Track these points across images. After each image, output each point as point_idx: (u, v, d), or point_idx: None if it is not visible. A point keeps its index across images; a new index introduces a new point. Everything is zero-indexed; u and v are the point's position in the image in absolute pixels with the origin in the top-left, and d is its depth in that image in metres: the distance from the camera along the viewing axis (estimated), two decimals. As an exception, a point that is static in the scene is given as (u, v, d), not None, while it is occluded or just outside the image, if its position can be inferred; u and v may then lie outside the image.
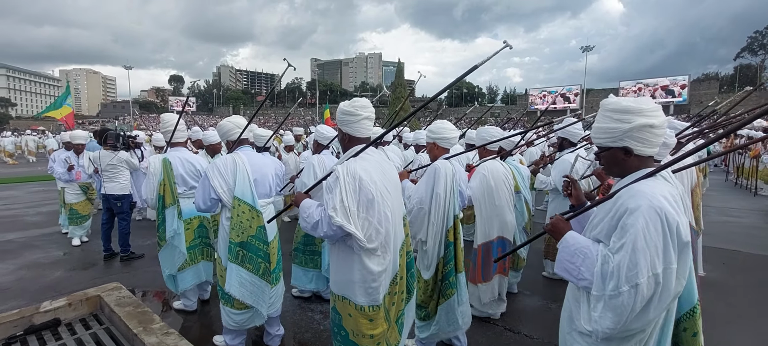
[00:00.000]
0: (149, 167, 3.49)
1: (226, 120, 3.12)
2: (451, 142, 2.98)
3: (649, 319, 1.40)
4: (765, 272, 4.78)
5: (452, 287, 2.75)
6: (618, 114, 1.52)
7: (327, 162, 3.61)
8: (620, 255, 1.39)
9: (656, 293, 1.36)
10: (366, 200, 1.94)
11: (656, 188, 1.43)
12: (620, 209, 1.44)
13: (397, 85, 43.48)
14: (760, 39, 57.03)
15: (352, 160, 2.00)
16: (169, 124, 3.71)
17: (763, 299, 4.02)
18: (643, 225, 1.36)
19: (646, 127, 1.48)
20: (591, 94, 57.32)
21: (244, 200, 2.75)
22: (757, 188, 10.27)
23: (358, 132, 2.13)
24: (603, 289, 1.42)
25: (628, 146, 1.51)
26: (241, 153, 2.90)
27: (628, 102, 1.52)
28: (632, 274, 1.35)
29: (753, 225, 7.10)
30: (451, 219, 2.73)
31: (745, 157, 11.49)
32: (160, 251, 3.59)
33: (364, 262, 1.96)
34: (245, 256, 2.75)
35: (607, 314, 1.41)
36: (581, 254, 1.52)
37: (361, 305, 2.01)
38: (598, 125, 1.59)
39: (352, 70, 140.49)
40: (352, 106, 2.13)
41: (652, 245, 1.35)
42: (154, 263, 5.08)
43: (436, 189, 2.71)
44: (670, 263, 1.36)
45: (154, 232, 6.53)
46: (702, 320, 1.72)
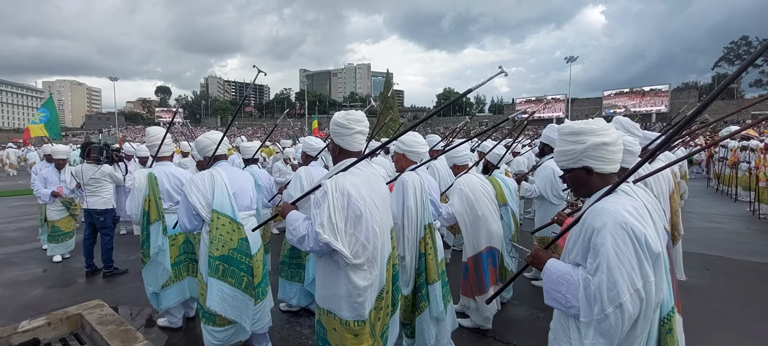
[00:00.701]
0: (134, 182, 3.42)
1: (202, 136, 3.07)
2: (420, 156, 2.99)
3: (637, 335, 1.41)
4: (747, 276, 4.88)
5: (424, 300, 2.71)
6: (572, 136, 1.59)
7: (315, 173, 3.60)
8: (598, 276, 1.39)
9: (641, 308, 1.37)
10: (354, 217, 1.92)
11: (618, 204, 1.45)
12: (588, 230, 1.47)
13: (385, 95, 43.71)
14: (735, 49, 59.07)
15: (341, 175, 1.98)
16: (154, 138, 3.65)
17: (745, 303, 4.10)
18: (612, 242, 1.38)
19: (600, 145, 1.54)
20: (576, 103, 58.49)
21: (223, 213, 2.71)
22: (737, 194, 10.55)
23: (350, 145, 2.12)
24: (590, 314, 1.41)
25: (587, 166, 1.57)
26: (217, 168, 2.87)
27: (580, 124, 1.59)
28: (613, 294, 1.35)
29: (734, 230, 7.27)
30: (422, 230, 2.73)
31: (724, 164, 11.80)
32: (144, 267, 3.52)
33: (350, 277, 1.94)
34: (227, 270, 2.69)
35: (599, 339, 1.39)
36: (564, 280, 1.52)
37: (347, 320, 1.98)
38: (558, 149, 1.66)
39: (340, 81, 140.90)
40: (346, 119, 2.10)
41: (626, 261, 1.36)
42: (139, 278, 4.94)
43: (406, 202, 2.71)
44: (647, 276, 1.37)
45: (138, 247, 6.42)
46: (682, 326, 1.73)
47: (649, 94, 52.04)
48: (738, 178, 10.61)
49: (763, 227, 7.41)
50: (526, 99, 62.08)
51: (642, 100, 52.23)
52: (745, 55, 58.20)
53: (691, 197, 11.04)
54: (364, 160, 2.12)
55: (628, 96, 53.78)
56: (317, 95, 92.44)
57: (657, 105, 50.71)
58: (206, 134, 3.08)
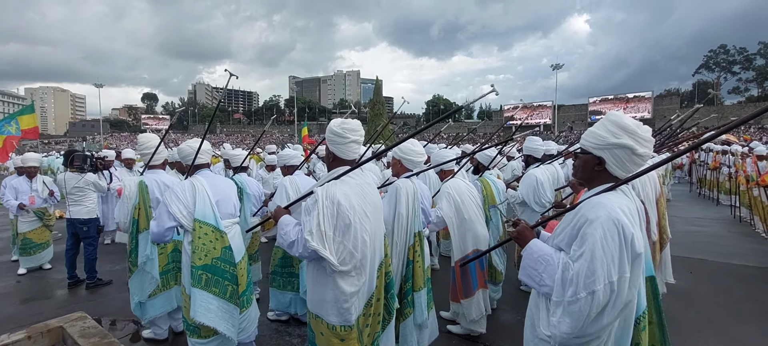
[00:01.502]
0: (124, 190, 3.35)
1: (184, 144, 3.00)
2: (416, 165, 3.03)
3: (604, 325, 1.46)
4: (729, 278, 4.99)
5: (409, 306, 2.74)
6: (614, 126, 1.59)
7: (299, 182, 3.59)
8: (579, 263, 1.46)
9: (611, 300, 1.43)
10: (343, 225, 1.95)
11: (615, 201, 1.51)
12: (581, 220, 1.52)
13: (375, 102, 43.85)
14: (714, 57, 60.82)
15: (332, 183, 2.01)
16: (146, 146, 3.55)
17: (729, 305, 4.19)
18: (601, 235, 1.44)
19: (628, 148, 1.55)
20: (562, 110, 59.44)
21: (205, 222, 2.65)
22: (718, 198, 10.81)
23: (345, 154, 2.14)
24: (562, 295, 1.48)
25: (603, 158, 1.60)
26: (198, 176, 2.82)
27: (630, 121, 1.59)
28: (590, 281, 1.42)
29: (716, 234, 7.44)
30: (411, 237, 2.77)
31: (706, 169, 12.11)
32: (130, 277, 3.45)
33: (337, 282, 1.97)
34: (210, 279, 2.63)
35: (566, 319, 1.47)
36: (543, 261, 1.58)
37: (333, 325, 2.01)
38: (593, 130, 1.67)
39: (330, 88, 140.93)
40: (341, 128, 2.12)
41: (609, 255, 1.43)
42: (124, 289, 4.85)
43: (398, 208, 2.75)
44: (624, 272, 1.44)
45: (122, 256, 6.32)
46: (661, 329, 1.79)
47: (633, 100, 53.24)
48: (719, 182, 10.89)
49: (743, 230, 7.60)
50: (513, 105, 62.91)
51: (626, 107, 53.34)
52: (723, 63, 60.03)
53: (674, 201, 11.29)
54: (357, 168, 2.15)
55: (612, 103, 54.91)
56: (307, 102, 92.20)
57: (641, 111, 51.86)
58: (188, 142, 3.01)
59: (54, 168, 22.11)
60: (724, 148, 10.99)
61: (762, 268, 5.35)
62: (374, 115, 42.09)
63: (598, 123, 1.67)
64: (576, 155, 1.75)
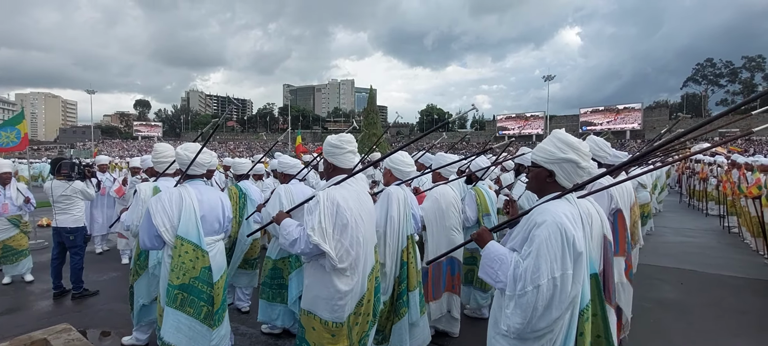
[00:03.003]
0: (139, 194, 3.39)
1: (181, 149, 2.91)
2: (405, 174, 3.22)
3: (553, 318, 1.61)
4: (719, 290, 5.03)
5: (405, 306, 2.91)
6: (561, 143, 1.81)
7: (294, 191, 3.57)
8: (528, 261, 1.64)
9: (555, 294, 1.59)
10: (341, 224, 2.18)
11: (560, 208, 1.71)
12: (531, 224, 1.71)
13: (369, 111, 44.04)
14: (702, 70, 62.19)
15: (333, 188, 2.26)
16: (163, 155, 3.58)
17: (719, 317, 4.22)
18: (547, 236, 1.62)
19: (573, 162, 1.77)
20: (554, 121, 60.12)
21: (187, 239, 2.57)
22: (708, 208, 10.95)
23: (342, 163, 2.40)
24: (514, 289, 1.66)
25: (553, 171, 1.81)
26: (189, 187, 2.75)
27: (573, 139, 1.82)
28: (535, 276, 1.60)
29: (707, 245, 7.52)
30: (404, 240, 2.95)
31: (695, 180, 12.28)
32: (135, 281, 3.46)
33: (333, 280, 2.18)
34: (186, 299, 2.55)
35: (517, 311, 1.64)
36: (499, 260, 1.75)
37: (326, 320, 2.21)
38: (542, 146, 1.88)
39: (324, 96, 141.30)
40: (339, 140, 2.39)
41: (552, 253, 1.60)
42: (112, 300, 4.77)
43: (390, 212, 2.94)
44: (566, 269, 1.60)
45: (110, 265, 6.22)
46: (604, 322, 1.89)
47: (623, 112, 54.06)
48: (708, 193, 11.04)
49: (732, 241, 7.69)
50: (506, 116, 63.57)
51: (616, 118, 54.16)
52: (710, 76, 61.35)
53: (665, 212, 11.41)
54: (354, 177, 2.37)
55: (603, 113, 55.76)
56: (301, 110, 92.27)
57: (631, 122, 52.68)
58: (186, 146, 2.93)
59: (44, 174, 21.84)
60: (712, 160, 11.16)
61: (750, 279, 5.40)
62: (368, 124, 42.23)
63: (546, 140, 1.87)
64: (529, 169, 1.95)
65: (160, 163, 3.57)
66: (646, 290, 4.87)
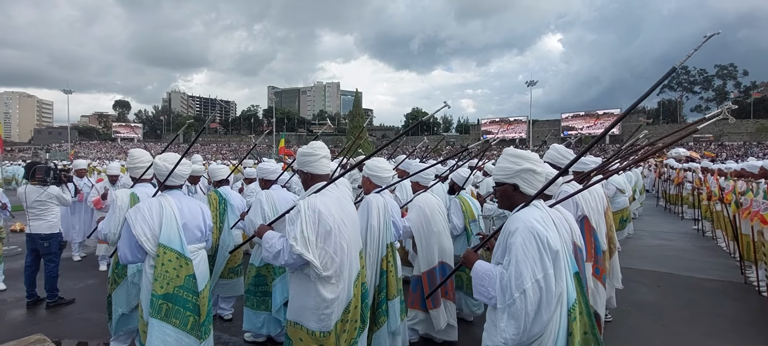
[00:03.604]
0: (116, 201, 3.27)
1: (160, 160, 2.83)
2: (384, 180, 3.20)
3: (545, 321, 1.67)
4: (694, 292, 5.20)
5: (384, 315, 2.91)
6: (513, 158, 1.95)
7: (276, 197, 3.54)
8: (510, 269, 1.71)
9: (542, 296, 1.66)
10: (324, 232, 2.16)
11: (529, 213, 1.81)
12: (506, 233, 1.81)
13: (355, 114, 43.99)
14: (677, 77, 64.25)
15: (313, 196, 2.24)
16: (139, 161, 3.52)
17: (694, 320, 4.35)
18: (521, 242, 1.71)
19: (530, 171, 1.90)
20: (537, 125, 61.22)
21: (170, 247, 2.53)
22: (683, 212, 11.31)
23: (318, 169, 2.38)
24: (504, 300, 1.72)
25: (516, 183, 1.93)
26: (168, 196, 2.71)
27: (521, 152, 1.98)
28: (519, 282, 1.67)
29: (682, 248, 7.76)
30: (384, 249, 2.95)
31: (670, 184, 12.67)
32: (114, 290, 3.36)
33: (318, 289, 2.16)
34: (171, 309, 2.50)
35: (511, 322, 1.68)
36: (487, 276, 1.82)
37: (313, 331, 2.18)
38: (498, 165, 2.00)
39: (309, 99, 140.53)
40: (310, 147, 2.38)
41: (530, 256, 1.68)
42: (88, 308, 4.62)
43: (370, 221, 2.93)
44: (547, 269, 1.68)
45: (87, 273, 6.04)
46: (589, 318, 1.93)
47: (603, 117, 55.48)
48: (683, 197, 11.40)
49: (707, 244, 7.95)
50: (490, 120, 64.43)
51: (596, 123, 55.55)
52: (685, 83, 63.50)
53: (643, 215, 11.73)
54: (333, 183, 2.36)
55: (583, 118, 57.15)
56: (285, 113, 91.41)
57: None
58: (164, 157, 2.86)
59: (18, 177, 21.01)
60: (686, 165, 11.55)
61: (724, 282, 5.60)
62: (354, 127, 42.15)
63: (499, 159, 2.03)
64: (495, 189, 2.07)
65: (135, 169, 3.49)
66: (625, 293, 4.99)
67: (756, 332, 3.98)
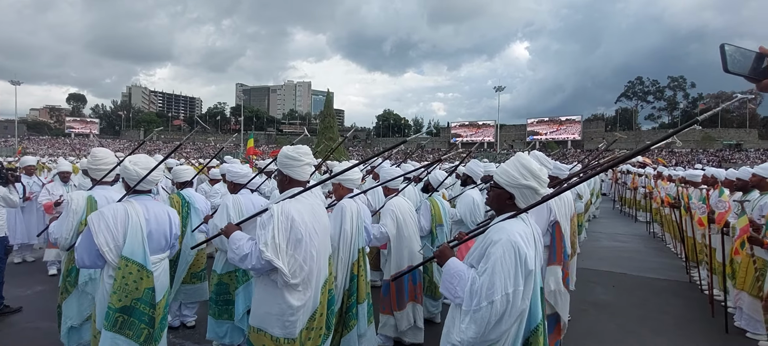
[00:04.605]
0: (71, 204, 3.02)
1: (129, 163, 2.64)
2: (354, 183, 3.27)
3: (503, 330, 1.74)
4: (645, 291, 5.54)
5: (354, 319, 2.95)
6: (525, 170, 1.89)
7: (243, 202, 3.42)
8: (483, 277, 1.74)
9: (507, 309, 1.71)
10: (295, 239, 2.12)
11: (515, 227, 1.82)
12: (488, 241, 1.82)
13: (326, 114, 43.58)
14: (632, 87, 68.19)
15: (287, 202, 2.19)
16: (102, 162, 3.25)
17: (645, 317, 4.64)
18: (501, 254, 1.73)
19: (532, 189, 1.88)
20: (504, 130, 63.05)
21: (133, 260, 2.41)
22: (637, 215, 12.01)
23: (298, 175, 2.34)
24: (470, 304, 1.75)
25: (514, 194, 1.91)
26: (135, 203, 2.56)
27: (535, 166, 1.91)
28: (490, 292, 1.71)
29: (635, 249, 8.24)
30: (355, 253, 2.99)
31: (626, 188, 13.42)
32: (64, 300, 3.15)
33: (285, 296, 2.12)
34: (126, 322, 2.41)
35: (472, 325, 1.73)
36: (458, 276, 1.85)
37: (277, 337, 2.13)
38: (506, 168, 1.95)
39: (280, 98, 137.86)
40: (296, 152, 2.32)
41: (506, 270, 1.71)
42: (37, 316, 4.34)
43: (343, 226, 2.97)
44: (518, 285, 1.72)
45: (34, 278, 5.66)
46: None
47: (565, 123, 57.98)
48: (637, 201, 12.11)
49: (657, 246, 8.49)
50: (460, 123, 65.70)
51: (559, 129, 57.96)
52: (639, 93, 67.39)
53: (600, 218, 12.35)
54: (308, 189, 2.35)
55: (547, 124, 59.47)
56: (254, 111, 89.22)
57: (571, 133, 56.55)
58: (135, 160, 2.67)
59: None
60: (640, 171, 12.28)
61: (671, 281, 6.00)
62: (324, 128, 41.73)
63: (510, 162, 1.96)
64: (490, 188, 2.04)
65: (97, 170, 3.25)
66: (583, 293, 5.26)
67: (699, 328, 4.30)
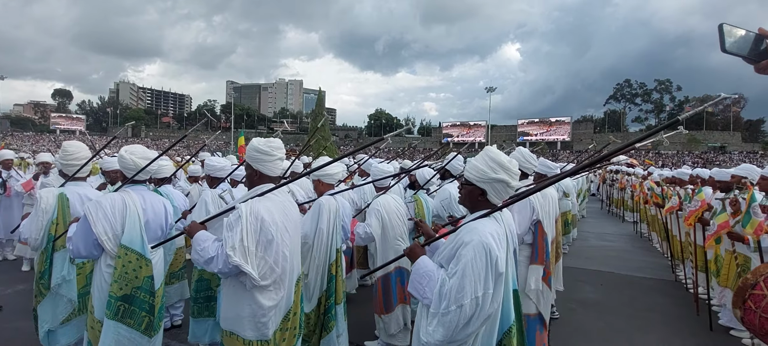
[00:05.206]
0: (39, 202, 2.91)
1: (125, 152, 2.58)
2: (334, 178, 3.17)
3: (470, 332, 1.69)
4: (633, 289, 5.60)
5: (333, 320, 2.88)
6: (493, 163, 1.84)
7: (224, 197, 3.39)
8: (453, 280, 1.68)
9: (476, 312, 1.66)
10: (265, 240, 1.97)
11: (487, 227, 1.75)
12: (459, 242, 1.75)
13: (317, 113, 43.40)
14: (621, 90, 69.25)
15: (256, 200, 2.03)
16: (74, 156, 3.12)
17: (632, 315, 4.69)
18: (472, 256, 1.67)
19: (504, 183, 1.83)
20: (495, 130, 63.50)
21: (132, 249, 2.41)
22: (624, 215, 12.17)
23: (270, 171, 2.17)
24: (438, 307, 1.69)
25: (485, 190, 1.85)
26: (131, 192, 2.54)
27: (504, 158, 1.86)
28: (460, 296, 1.65)
29: (623, 248, 8.35)
30: (333, 253, 2.91)
31: (614, 188, 13.60)
32: (40, 302, 3.03)
33: (255, 297, 1.99)
34: (127, 310, 2.40)
35: (439, 329, 1.68)
36: (427, 276, 1.78)
37: (250, 340, 2.01)
38: (475, 164, 1.89)
39: (271, 96, 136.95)
40: (268, 146, 2.15)
41: (477, 273, 1.66)
42: (17, 316, 4.22)
43: (319, 224, 2.88)
44: (488, 288, 1.67)
45: (16, 276, 5.52)
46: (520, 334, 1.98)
47: (555, 124, 58.67)
48: (624, 201, 12.28)
49: (644, 245, 8.61)
50: (451, 123, 66.02)
51: (549, 130, 58.61)
52: (628, 95, 68.43)
53: (588, 218, 12.49)
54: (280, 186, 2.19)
55: (538, 125, 60.11)
56: (245, 109, 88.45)
57: (561, 134, 57.26)
58: (131, 149, 2.60)
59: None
60: (628, 171, 12.45)
61: (658, 279, 6.09)
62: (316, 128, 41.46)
63: (478, 157, 1.89)
64: (462, 185, 1.98)
65: (69, 165, 3.12)
66: (571, 292, 5.30)
67: (684, 325, 4.36)
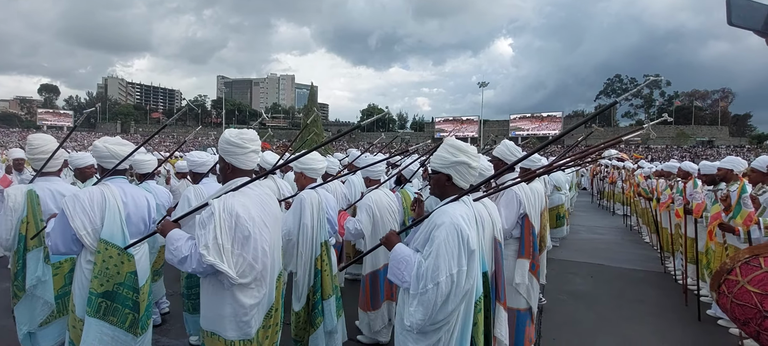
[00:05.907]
0: (7, 201, 2.81)
1: (101, 143, 2.58)
2: (318, 172, 3.13)
3: (449, 311, 1.79)
4: (622, 282, 5.68)
5: (320, 316, 2.84)
6: (452, 148, 1.99)
7: (205, 192, 3.30)
8: (429, 261, 1.79)
9: (452, 289, 1.76)
10: (242, 237, 1.89)
11: (457, 210, 1.87)
12: (431, 225, 1.86)
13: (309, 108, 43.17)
14: (611, 85, 69.89)
15: (230, 195, 1.94)
16: (40, 150, 3.02)
17: (622, 307, 4.75)
18: (445, 237, 1.78)
19: (464, 164, 1.96)
20: (487, 125, 63.76)
21: (112, 243, 2.34)
22: (614, 208, 12.31)
23: (244, 164, 2.10)
24: (417, 288, 1.80)
25: (450, 174, 1.98)
26: (111, 185, 2.46)
27: (461, 143, 2.03)
28: (435, 274, 1.75)
29: (613, 241, 8.44)
30: (318, 248, 2.86)
31: (605, 182, 13.74)
32: (16, 304, 2.95)
33: (235, 296, 1.92)
34: (109, 307, 2.33)
35: (419, 308, 1.78)
36: (405, 261, 1.88)
37: (232, 340, 1.95)
38: (437, 153, 2.04)
39: (262, 91, 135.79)
40: (240, 138, 2.07)
41: (450, 252, 1.76)
42: (4, 316, 4.13)
43: (303, 220, 2.82)
44: (461, 265, 1.78)
45: (2, 273, 5.38)
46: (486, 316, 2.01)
47: (547, 119, 59.03)
48: (615, 194, 12.42)
49: (634, 238, 8.72)
50: (444, 118, 66.11)
51: (541, 125, 58.96)
52: (618, 90, 69.07)
53: (578, 211, 12.62)
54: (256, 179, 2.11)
55: (530, 120, 60.44)
56: (236, 104, 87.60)
57: (553, 129, 57.62)
58: (106, 140, 2.57)
59: None
60: (617, 165, 12.59)
61: (647, 271, 6.17)
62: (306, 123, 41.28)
63: (439, 147, 2.06)
64: (429, 175, 2.11)
65: (36, 160, 3.03)
66: (562, 284, 5.35)
67: (673, 316, 4.43)
